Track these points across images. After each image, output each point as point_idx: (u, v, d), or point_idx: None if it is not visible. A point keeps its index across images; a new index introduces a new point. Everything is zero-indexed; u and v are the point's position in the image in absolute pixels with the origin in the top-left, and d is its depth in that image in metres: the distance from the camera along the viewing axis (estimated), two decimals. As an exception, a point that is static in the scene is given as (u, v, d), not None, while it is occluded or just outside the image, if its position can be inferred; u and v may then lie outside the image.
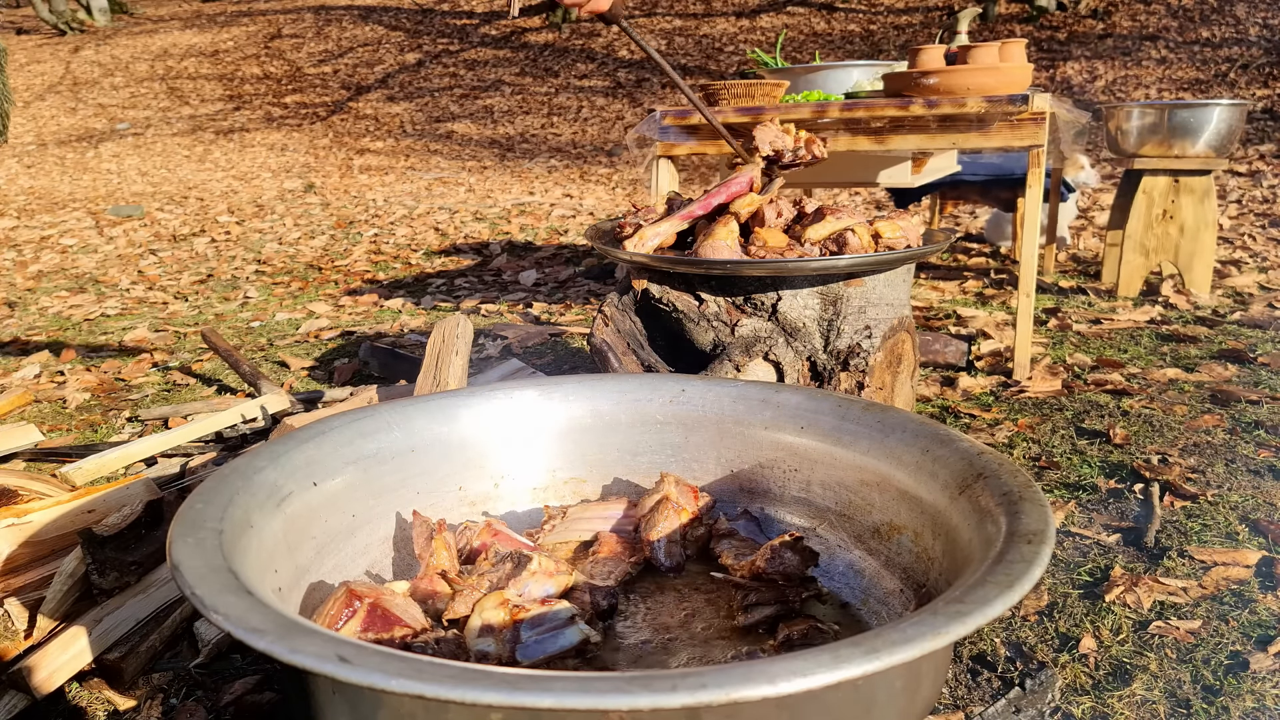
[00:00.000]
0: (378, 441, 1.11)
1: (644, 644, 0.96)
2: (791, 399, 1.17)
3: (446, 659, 0.78)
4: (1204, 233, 3.06)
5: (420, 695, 0.54)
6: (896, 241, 1.57)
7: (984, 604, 0.63)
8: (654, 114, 2.46)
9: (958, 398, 2.16)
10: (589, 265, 4.08)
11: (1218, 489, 1.62)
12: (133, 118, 10.61)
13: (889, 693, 0.69)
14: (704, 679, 0.54)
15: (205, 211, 6.06)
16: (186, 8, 15.91)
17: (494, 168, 8.01)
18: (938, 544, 0.92)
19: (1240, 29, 8.62)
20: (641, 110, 9.48)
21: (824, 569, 1.08)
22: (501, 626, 0.85)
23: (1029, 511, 0.78)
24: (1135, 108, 3.06)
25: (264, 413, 1.99)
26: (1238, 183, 5.47)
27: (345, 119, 10.19)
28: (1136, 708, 1.06)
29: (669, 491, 1.12)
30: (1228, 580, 1.33)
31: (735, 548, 1.08)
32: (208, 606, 0.65)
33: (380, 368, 2.48)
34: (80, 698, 1.11)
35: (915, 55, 2.23)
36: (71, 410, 2.33)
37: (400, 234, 5.15)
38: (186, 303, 3.70)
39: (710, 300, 1.53)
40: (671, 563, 1.09)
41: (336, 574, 1.01)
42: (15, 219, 5.95)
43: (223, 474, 0.90)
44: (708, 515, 1.15)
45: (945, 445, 0.97)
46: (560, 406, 1.25)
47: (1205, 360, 2.37)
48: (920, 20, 10.16)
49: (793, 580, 1.01)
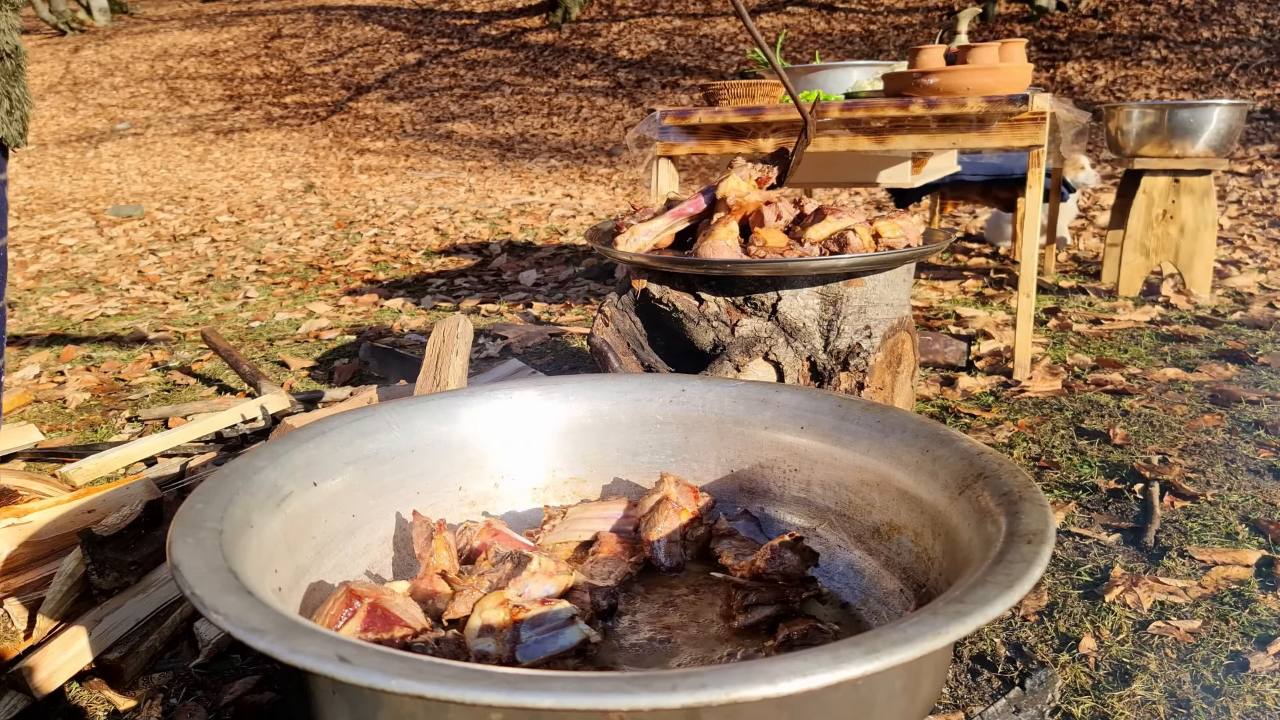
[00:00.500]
0: (378, 441, 1.11)
1: (644, 644, 0.96)
2: (792, 399, 1.17)
3: (446, 659, 0.78)
4: (1204, 233, 3.06)
5: (420, 695, 0.54)
6: (896, 241, 1.57)
7: (984, 604, 0.63)
8: (654, 114, 2.46)
9: (958, 398, 2.16)
10: (589, 265, 4.08)
11: (1218, 489, 1.62)
12: (133, 118, 10.61)
13: (889, 692, 0.69)
14: (704, 679, 0.54)
15: (205, 211, 6.06)
16: (186, 8, 15.91)
17: (494, 168, 8.01)
18: (938, 544, 0.92)
19: (1240, 29, 8.62)
20: (641, 110, 9.48)
21: (824, 569, 1.08)
22: (501, 626, 0.85)
23: (1029, 511, 0.78)
24: (1135, 108, 3.06)
25: (264, 413, 1.99)
26: (1238, 183, 5.47)
27: (345, 119, 10.19)
28: (1136, 708, 1.06)
29: (669, 491, 1.12)
30: (1228, 580, 1.33)
31: (735, 548, 1.08)
32: (208, 606, 0.65)
33: (380, 368, 2.48)
34: (80, 698, 1.11)
35: (915, 55, 2.23)
36: (71, 410, 2.33)
37: (400, 234, 5.15)
38: (186, 303, 3.70)
39: (710, 300, 1.53)
40: (671, 563, 1.09)
41: (336, 574, 1.01)
42: (15, 219, 5.95)
43: (223, 474, 0.90)
44: (708, 515, 1.15)
45: (945, 445, 0.97)
46: (560, 406, 1.25)
47: (1205, 360, 2.37)
48: (920, 20, 10.16)
49: (793, 580, 1.01)
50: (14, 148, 1.11)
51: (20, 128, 1.13)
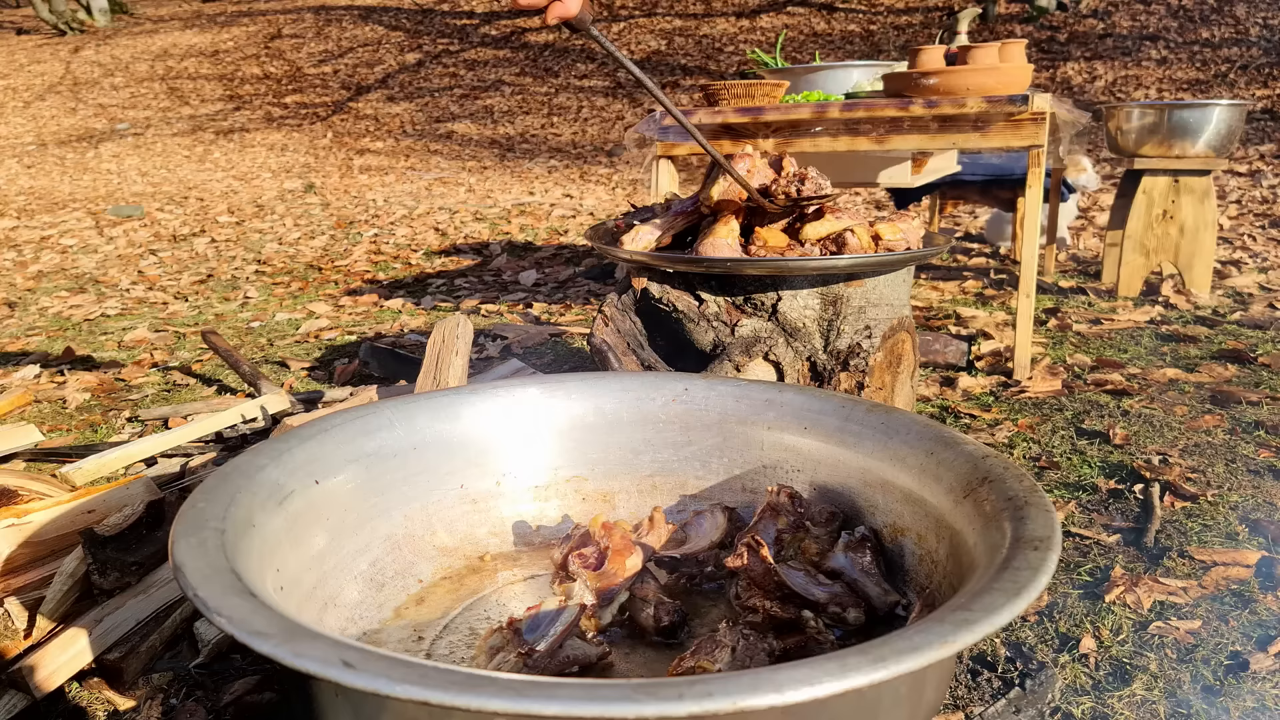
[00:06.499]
0: (379, 439, 1.11)
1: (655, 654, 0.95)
2: (795, 399, 1.17)
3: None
4: (1204, 233, 3.06)
5: (425, 701, 0.53)
6: (896, 243, 1.56)
7: (991, 612, 0.63)
8: (654, 114, 2.46)
9: (958, 398, 2.16)
10: (589, 265, 4.08)
11: (1218, 489, 1.62)
12: (133, 118, 10.60)
13: (894, 699, 0.68)
14: (710, 687, 0.54)
15: (205, 212, 6.05)
16: (186, 8, 15.89)
17: (494, 168, 8.00)
18: (942, 547, 0.92)
19: (1240, 29, 8.62)
20: (641, 110, 9.47)
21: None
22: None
23: (1035, 517, 0.78)
24: (1135, 108, 3.05)
25: (264, 413, 1.98)
26: (1238, 183, 5.47)
27: (345, 119, 10.19)
28: (1136, 708, 1.06)
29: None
30: (1228, 580, 1.33)
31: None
32: (211, 609, 0.64)
33: (380, 368, 2.47)
34: (80, 698, 1.11)
35: (915, 55, 2.23)
36: (71, 410, 2.33)
37: (400, 234, 5.15)
38: (186, 303, 3.70)
39: (710, 300, 1.53)
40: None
41: (339, 572, 1.00)
42: (15, 219, 5.95)
43: (224, 472, 0.90)
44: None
45: (950, 448, 0.97)
46: (562, 405, 1.25)
47: (1205, 360, 2.37)
48: (920, 20, 10.16)
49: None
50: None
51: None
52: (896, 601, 0.98)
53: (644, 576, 1.04)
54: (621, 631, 1.01)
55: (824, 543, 1.07)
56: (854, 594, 0.98)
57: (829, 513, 1.09)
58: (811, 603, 0.96)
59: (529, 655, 0.85)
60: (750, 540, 1.00)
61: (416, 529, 1.13)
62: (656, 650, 0.98)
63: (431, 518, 1.15)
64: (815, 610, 0.96)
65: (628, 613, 1.02)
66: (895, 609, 0.98)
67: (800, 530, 1.08)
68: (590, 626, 0.98)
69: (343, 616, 0.99)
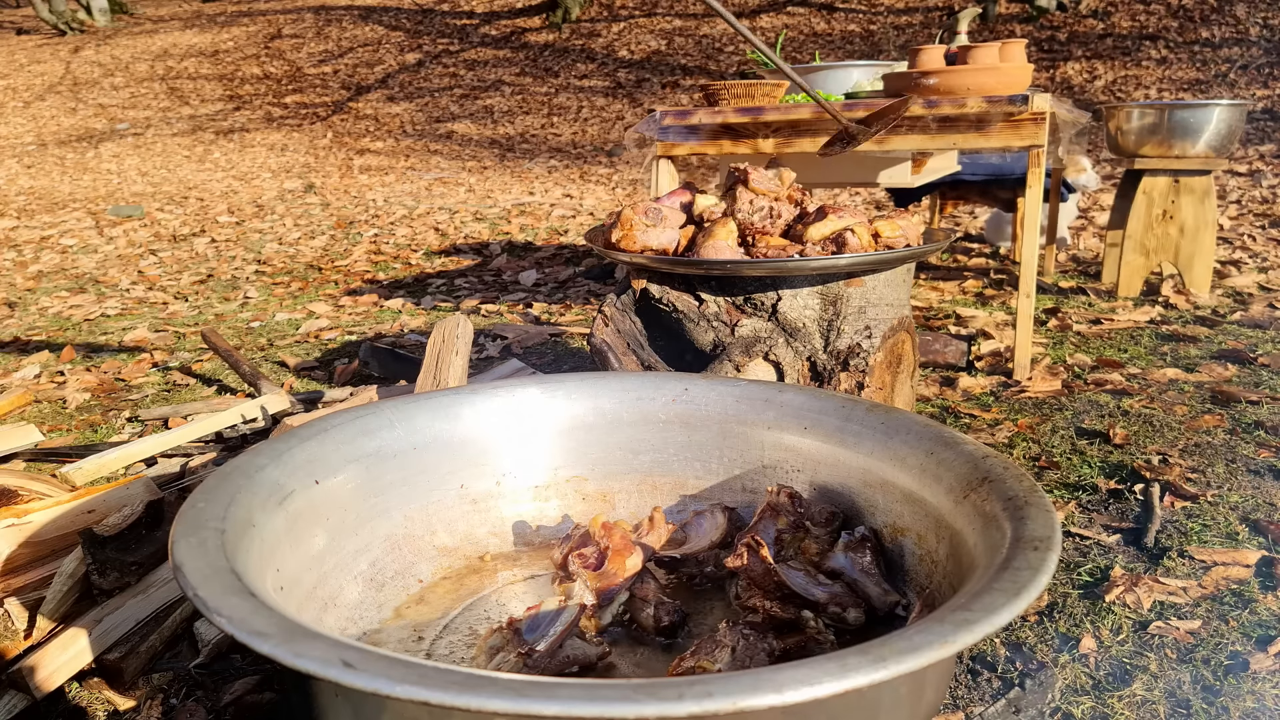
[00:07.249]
0: (379, 439, 1.11)
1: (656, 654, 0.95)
2: (795, 399, 1.17)
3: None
4: (1204, 233, 3.06)
5: (425, 701, 0.53)
6: (896, 241, 1.56)
7: (991, 612, 0.63)
8: (654, 114, 2.46)
9: (958, 398, 2.16)
10: (589, 265, 4.08)
11: (1218, 489, 1.62)
12: (133, 118, 10.60)
13: (894, 699, 0.68)
14: (710, 687, 0.54)
15: (205, 211, 6.05)
16: (186, 8, 15.89)
17: (494, 168, 8.00)
18: (942, 547, 0.92)
19: (1240, 29, 8.62)
20: (641, 110, 9.47)
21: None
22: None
23: (1035, 517, 0.78)
24: (1135, 108, 3.05)
25: (264, 413, 1.98)
26: (1238, 183, 5.47)
27: (345, 119, 10.19)
28: (1136, 708, 1.06)
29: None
30: (1228, 580, 1.33)
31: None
32: (211, 609, 0.64)
33: (380, 368, 2.47)
34: (80, 698, 1.11)
35: (915, 55, 2.23)
36: (71, 410, 2.33)
37: (400, 234, 5.15)
38: (186, 303, 3.70)
39: (710, 300, 1.53)
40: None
41: (339, 571, 1.00)
42: (15, 219, 5.95)
43: (224, 472, 0.90)
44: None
45: (950, 448, 0.97)
46: (563, 404, 1.25)
47: (1205, 360, 2.37)
48: (920, 20, 10.15)
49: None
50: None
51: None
52: (896, 601, 0.98)
53: (644, 576, 1.04)
54: (621, 631, 1.01)
55: (824, 543, 1.07)
56: (854, 594, 0.98)
57: (829, 513, 1.09)
58: (811, 603, 0.96)
59: (529, 655, 0.85)
60: (750, 540, 1.00)
61: (416, 529, 1.13)
62: (656, 650, 0.98)
63: (431, 518, 1.15)
64: (815, 610, 0.96)
65: (628, 613, 1.02)
66: (895, 609, 0.98)
67: (800, 530, 1.08)
68: (590, 626, 0.98)
69: (343, 616, 0.99)
